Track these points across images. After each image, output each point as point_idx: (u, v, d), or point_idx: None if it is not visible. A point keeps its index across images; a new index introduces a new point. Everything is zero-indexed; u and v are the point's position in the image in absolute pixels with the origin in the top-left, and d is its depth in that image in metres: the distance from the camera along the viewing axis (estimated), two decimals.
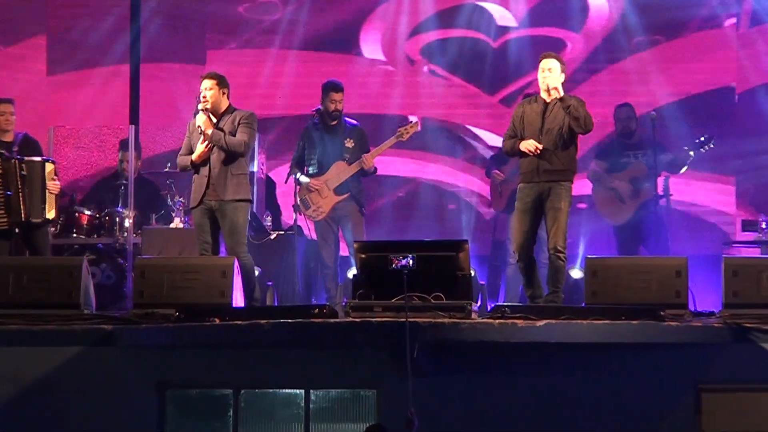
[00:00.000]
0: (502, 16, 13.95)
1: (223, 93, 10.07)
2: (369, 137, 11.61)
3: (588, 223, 12.74)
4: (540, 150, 9.68)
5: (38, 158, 10.45)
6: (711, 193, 13.22)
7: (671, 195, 11.95)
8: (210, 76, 10.13)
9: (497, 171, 11.70)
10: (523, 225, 9.77)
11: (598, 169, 11.88)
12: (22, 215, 10.26)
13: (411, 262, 8.78)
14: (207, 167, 9.99)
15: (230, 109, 10.10)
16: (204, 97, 10.04)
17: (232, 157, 9.95)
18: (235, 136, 9.96)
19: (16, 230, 10.31)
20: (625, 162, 11.87)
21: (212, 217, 9.98)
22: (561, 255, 9.65)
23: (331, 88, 11.46)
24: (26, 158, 10.36)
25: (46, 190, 10.36)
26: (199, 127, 9.94)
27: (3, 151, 10.31)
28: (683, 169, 11.81)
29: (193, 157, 10.02)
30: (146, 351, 9.04)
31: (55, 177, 10.48)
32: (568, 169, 9.74)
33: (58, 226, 11.62)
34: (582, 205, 12.44)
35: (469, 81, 13.99)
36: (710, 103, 13.46)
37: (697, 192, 13.13)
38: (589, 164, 11.97)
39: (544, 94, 9.82)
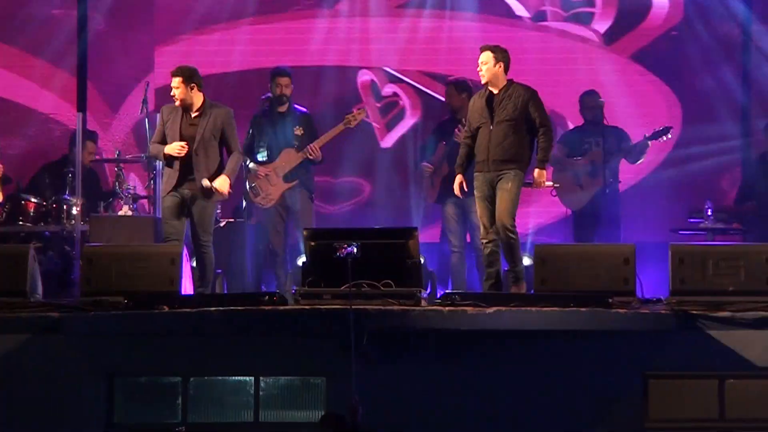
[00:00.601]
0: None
1: (192, 87, 10.03)
2: (319, 124, 11.62)
3: (540, 209, 12.81)
4: (462, 190, 9.96)
5: None
6: (659, 179, 13.29)
7: (620, 182, 12.04)
8: (175, 73, 10.08)
9: (426, 164, 11.71)
10: (485, 211, 9.82)
11: (558, 154, 11.91)
12: None
13: (355, 250, 8.77)
14: (184, 161, 10.01)
15: (207, 105, 10.08)
16: (173, 95, 10.05)
17: (214, 156, 10.05)
18: (217, 137, 10.02)
19: None
20: (586, 148, 11.94)
21: (183, 205, 10.01)
22: (510, 233, 9.68)
23: (277, 73, 11.45)
24: None
25: None
26: (220, 192, 9.99)
27: None
28: (641, 159, 11.92)
29: (166, 150, 10.03)
30: (94, 339, 8.99)
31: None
32: (518, 159, 9.78)
33: (4, 214, 11.52)
34: None
35: None
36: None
37: (646, 179, 13.20)
38: None
39: (491, 86, 9.88)
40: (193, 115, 10.05)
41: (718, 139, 13.32)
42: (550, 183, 10.08)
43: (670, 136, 11.92)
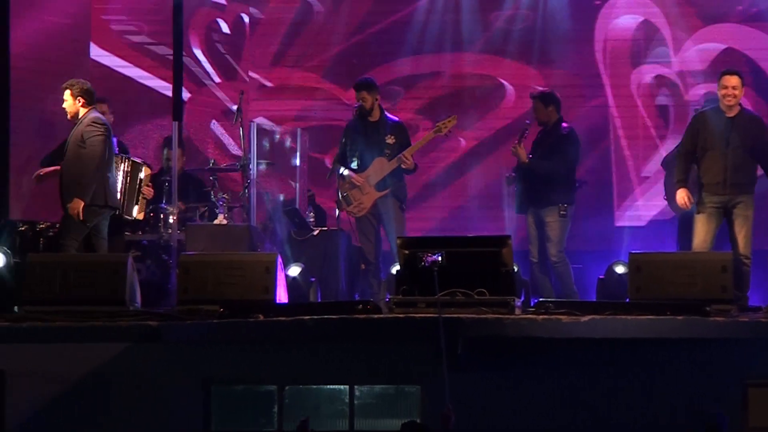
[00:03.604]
0: None
1: (79, 101, 10.10)
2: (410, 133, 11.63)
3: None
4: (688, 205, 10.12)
5: (139, 159, 10.82)
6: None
7: None
8: (64, 87, 10.18)
9: (508, 174, 11.62)
10: (707, 228, 10.03)
11: (671, 157, 11.62)
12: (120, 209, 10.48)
13: (440, 258, 8.77)
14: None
15: (85, 115, 10.13)
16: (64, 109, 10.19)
17: (74, 167, 10.06)
18: (82, 144, 9.96)
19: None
20: None
21: None
22: (747, 261, 9.86)
23: (357, 86, 11.41)
24: (131, 157, 10.70)
25: (141, 193, 10.63)
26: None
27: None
28: None
29: None
30: (191, 347, 9.08)
31: (150, 183, 10.75)
32: (752, 183, 10.11)
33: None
34: None
35: None
36: None
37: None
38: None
39: (725, 108, 10.04)
40: None
41: None
42: None
43: None
